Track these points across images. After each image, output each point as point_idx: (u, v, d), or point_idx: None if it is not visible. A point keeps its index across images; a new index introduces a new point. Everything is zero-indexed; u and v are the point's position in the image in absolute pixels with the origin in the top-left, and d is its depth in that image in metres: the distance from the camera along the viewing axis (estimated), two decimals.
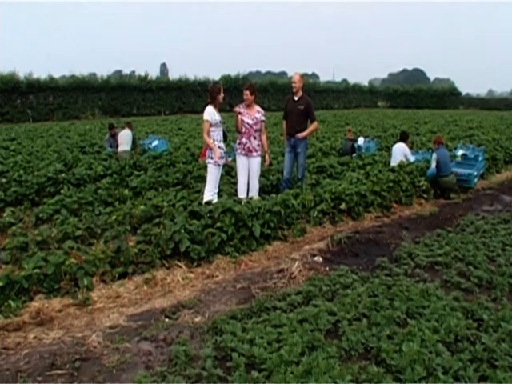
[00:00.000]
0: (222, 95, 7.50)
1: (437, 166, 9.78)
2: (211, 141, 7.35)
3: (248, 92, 7.73)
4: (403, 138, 11.13)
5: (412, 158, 10.84)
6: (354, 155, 13.28)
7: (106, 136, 14.70)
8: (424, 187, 9.69)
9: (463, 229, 7.36)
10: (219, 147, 7.40)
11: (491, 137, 17.43)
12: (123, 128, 13.32)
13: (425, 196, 9.76)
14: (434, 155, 9.89)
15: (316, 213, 7.61)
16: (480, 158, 11.32)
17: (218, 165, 7.42)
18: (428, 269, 5.61)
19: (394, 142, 11.94)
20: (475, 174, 10.82)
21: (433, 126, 24.30)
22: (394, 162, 10.54)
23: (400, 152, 10.68)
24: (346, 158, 12.53)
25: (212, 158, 7.36)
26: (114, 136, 13.60)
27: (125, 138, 12.91)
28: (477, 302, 4.54)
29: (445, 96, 57.91)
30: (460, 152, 11.72)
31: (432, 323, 3.96)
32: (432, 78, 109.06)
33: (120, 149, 12.76)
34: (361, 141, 14.56)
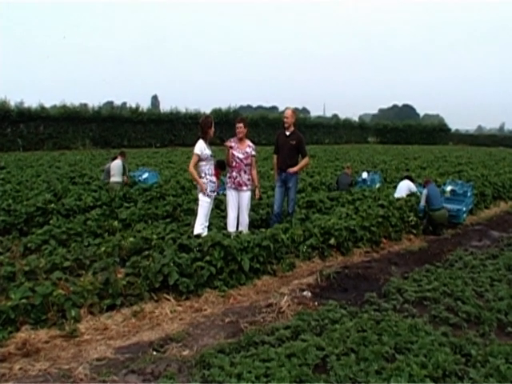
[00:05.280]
0: (212, 129, 7.56)
1: (427, 201, 10.01)
2: (202, 174, 7.41)
3: (242, 125, 7.83)
4: (410, 177, 11.98)
5: (415, 189, 11.26)
6: (356, 187, 13.61)
7: (105, 165, 14.43)
8: (413, 222, 9.78)
9: (452, 264, 7.40)
10: (210, 181, 7.45)
11: (480, 173, 17.67)
12: (114, 158, 13.27)
13: (414, 231, 9.84)
14: (425, 191, 10.16)
15: (305, 247, 7.62)
16: (469, 194, 11.48)
17: (209, 196, 7.44)
18: (416, 304, 5.61)
19: (400, 179, 12.46)
20: (464, 209, 10.97)
21: (422, 161, 24.51)
22: (398, 194, 11.11)
23: (405, 187, 11.29)
24: (337, 192, 12.60)
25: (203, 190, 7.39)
26: None
27: (117, 168, 12.82)
28: (465, 338, 4.54)
29: (434, 132, 58.75)
30: (449, 188, 11.85)
31: (420, 358, 3.95)
32: (422, 114, 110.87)
33: (112, 180, 12.70)
34: (365, 175, 14.76)
